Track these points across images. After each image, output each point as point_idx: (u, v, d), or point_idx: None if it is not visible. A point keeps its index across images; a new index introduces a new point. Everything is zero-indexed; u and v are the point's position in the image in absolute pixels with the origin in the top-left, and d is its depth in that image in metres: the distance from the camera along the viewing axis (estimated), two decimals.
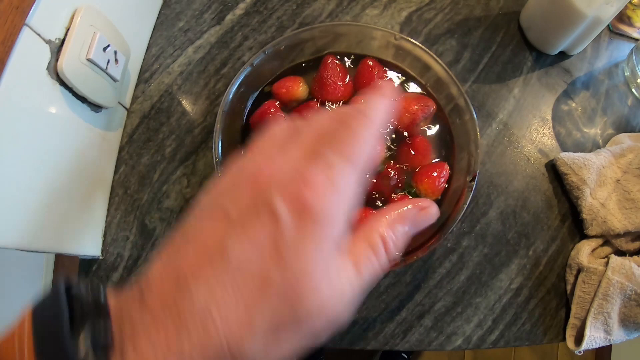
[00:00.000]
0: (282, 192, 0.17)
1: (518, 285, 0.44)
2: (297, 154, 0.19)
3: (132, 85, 0.50)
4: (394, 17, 0.50)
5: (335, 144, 0.19)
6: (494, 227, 0.45)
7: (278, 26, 0.50)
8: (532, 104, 0.49)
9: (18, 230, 0.35)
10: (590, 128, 0.50)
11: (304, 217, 0.17)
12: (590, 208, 0.45)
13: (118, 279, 0.44)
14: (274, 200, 0.17)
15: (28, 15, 0.34)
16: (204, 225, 0.18)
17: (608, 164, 0.46)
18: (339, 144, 0.19)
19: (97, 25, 0.41)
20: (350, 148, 0.19)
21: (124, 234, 0.45)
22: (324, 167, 0.18)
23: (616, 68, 0.53)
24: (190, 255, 0.17)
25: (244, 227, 0.17)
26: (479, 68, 0.49)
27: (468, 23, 0.51)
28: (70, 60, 0.38)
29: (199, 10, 0.52)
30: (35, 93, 0.36)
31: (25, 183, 0.35)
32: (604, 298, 0.43)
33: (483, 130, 0.47)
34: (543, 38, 0.50)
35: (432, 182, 0.37)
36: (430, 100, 0.39)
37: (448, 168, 0.38)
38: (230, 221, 0.18)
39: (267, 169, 0.19)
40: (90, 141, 0.44)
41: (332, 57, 0.41)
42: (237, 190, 0.19)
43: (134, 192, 0.46)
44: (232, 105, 0.38)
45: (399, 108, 0.39)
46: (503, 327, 0.43)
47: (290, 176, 0.18)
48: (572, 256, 0.45)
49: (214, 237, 0.17)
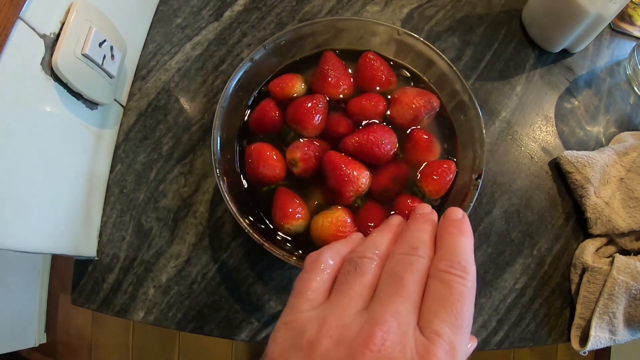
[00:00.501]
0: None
1: (522, 285, 0.43)
2: (410, 318, 0.19)
3: (129, 82, 0.49)
4: (395, 14, 0.50)
5: (445, 313, 0.19)
6: (497, 226, 0.44)
7: (277, 23, 0.50)
8: (534, 101, 0.49)
9: (10, 231, 0.33)
10: (593, 126, 0.49)
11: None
12: (594, 207, 0.44)
13: (114, 280, 0.43)
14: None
15: (22, 8, 0.34)
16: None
17: (612, 163, 0.46)
18: (450, 313, 0.19)
19: (93, 20, 0.40)
20: (462, 315, 0.19)
21: (119, 234, 0.44)
22: (448, 349, 0.18)
23: (618, 66, 0.53)
24: None
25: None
26: (481, 65, 0.49)
27: (470, 20, 0.50)
28: (65, 55, 0.37)
29: (196, 7, 0.51)
30: (29, 89, 0.35)
31: (18, 181, 0.34)
32: (609, 298, 0.42)
33: (486, 128, 0.46)
34: (545, 35, 0.49)
35: (438, 183, 0.36)
36: (434, 96, 0.38)
37: (455, 167, 0.37)
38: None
39: (383, 338, 0.18)
40: (85, 139, 0.43)
41: (332, 52, 0.40)
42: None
43: (130, 191, 0.45)
44: (231, 102, 0.37)
45: (402, 103, 0.38)
46: (508, 327, 0.43)
47: (411, 356, 0.18)
48: (577, 255, 0.45)
49: None
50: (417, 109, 0.37)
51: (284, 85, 0.39)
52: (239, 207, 0.33)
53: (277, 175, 0.37)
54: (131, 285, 0.43)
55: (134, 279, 0.43)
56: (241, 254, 0.42)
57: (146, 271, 0.43)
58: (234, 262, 0.42)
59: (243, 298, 0.42)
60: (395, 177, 0.37)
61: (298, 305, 0.21)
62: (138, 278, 0.43)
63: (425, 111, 0.37)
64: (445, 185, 0.37)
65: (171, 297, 0.42)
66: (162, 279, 0.43)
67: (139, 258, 0.43)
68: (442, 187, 0.37)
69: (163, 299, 0.42)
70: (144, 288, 0.43)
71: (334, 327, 0.19)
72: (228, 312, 0.42)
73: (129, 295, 0.43)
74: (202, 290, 0.42)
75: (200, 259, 0.43)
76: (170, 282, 0.43)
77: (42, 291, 1.20)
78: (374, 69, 0.39)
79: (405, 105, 0.37)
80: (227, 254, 0.43)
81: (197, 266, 0.43)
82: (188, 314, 0.42)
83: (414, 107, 0.37)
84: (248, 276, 0.42)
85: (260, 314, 0.42)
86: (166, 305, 0.42)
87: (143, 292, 0.43)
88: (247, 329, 0.41)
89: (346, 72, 0.40)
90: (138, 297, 0.42)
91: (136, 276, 0.43)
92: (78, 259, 0.43)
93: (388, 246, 0.23)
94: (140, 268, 0.43)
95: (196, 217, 0.43)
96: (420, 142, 0.38)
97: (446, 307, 0.19)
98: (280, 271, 0.42)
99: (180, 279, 0.42)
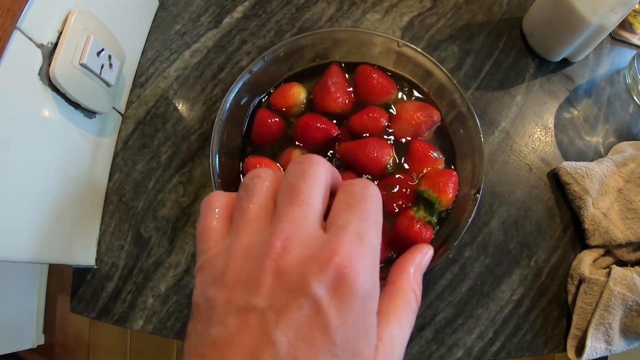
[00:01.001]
0: (316, 274, 0.16)
1: (520, 295, 0.44)
2: (310, 223, 0.18)
3: (127, 90, 0.48)
4: (396, 22, 0.50)
5: (350, 211, 0.19)
6: (495, 237, 0.44)
7: (277, 30, 0.49)
8: (534, 111, 0.48)
9: (8, 242, 0.34)
10: (592, 136, 0.49)
11: (345, 297, 0.16)
12: (592, 218, 0.44)
13: (113, 289, 0.43)
14: (310, 285, 0.16)
15: (19, 18, 0.33)
16: (234, 327, 0.16)
17: (610, 173, 0.46)
18: (355, 210, 0.19)
19: (90, 28, 0.40)
20: (368, 212, 0.19)
21: (118, 243, 0.44)
22: (353, 238, 0.18)
23: (618, 75, 0.53)
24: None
25: (281, 318, 0.16)
26: (481, 75, 0.48)
27: (470, 28, 0.50)
28: (63, 65, 0.37)
29: (195, 13, 0.51)
30: (26, 99, 0.35)
31: (16, 191, 0.34)
32: (605, 309, 0.42)
33: (485, 138, 0.46)
34: (546, 45, 0.49)
35: (448, 192, 0.36)
36: (435, 110, 0.38)
37: (456, 175, 0.37)
38: (261, 314, 0.16)
39: (283, 246, 0.17)
40: (83, 147, 0.42)
41: (337, 65, 0.40)
42: (256, 278, 0.17)
43: (129, 200, 0.45)
44: (230, 113, 0.37)
45: (402, 119, 0.38)
46: (504, 338, 0.43)
47: (316, 252, 0.17)
48: (574, 266, 0.45)
49: (252, 337, 0.16)
50: (417, 125, 0.37)
51: (285, 95, 0.39)
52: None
53: None
54: (130, 294, 0.43)
55: (133, 288, 0.43)
56: None
57: (145, 280, 0.43)
58: None
59: None
60: (389, 184, 0.37)
61: (204, 248, 0.21)
62: (137, 287, 0.43)
63: (426, 127, 0.37)
64: (452, 198, 0.36)
65: (170, 306, 0.42)
66: (161, 288, 0.43)
67: (138, 267, 0.43)
68: (451, 200, 0.36)
69: (162, 308, 0.42)
70: (143, 297, 0.43)
71: (239, 250, 0.18)
72: None
73: (128, 303, 0.43)
74: None
75: None
76: (169, 291, 0.43)
77: (40, 292, 1.20)
78: (371, 83, 0.39)
79: (405, 121, 0.37)
80: None
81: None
82: (187, 324, 0.42)
83: (415, 123, 0.37)
84: None
85: None
86: (165, 315, 0.42)
87: (142, 301, 0.43)
88: None
89: (348, 87, 0.40)
90: (137, 306, 0.43)
91: (135, 285, 0.43)
92: (77, 267, 0.43)
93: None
94: (139, 277, 0.43)
95: (195, 227, 0.43)
96: (418, 152, 0.38)
97: (351, 206, 0.19)
98: None
99: (179, 289, 0.43)
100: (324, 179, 0.20)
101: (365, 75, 0.40)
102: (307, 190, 0.19)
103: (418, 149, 0.38)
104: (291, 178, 0.20)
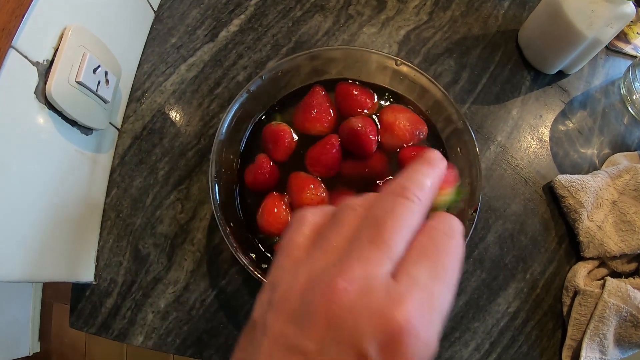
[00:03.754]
0: (371, 330, 0.15)
1: (515, 308, 0.44)
2: (382, 269, 0.16)
3: (124, 104, 0.48)
4: (392, 36, 0.50)
5: (426, 261, 0.17)
6: (492, 251, 0.45)
7: (273, 44, 0.49)
8: (530, 125, 0.49)
9: (7, 263, 0.33)
10: (587, 148, 0.50)
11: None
12: (587, 231, 0.45)
13: (112, 305, 0.43)
14: (362, 341, 0.15)
15: (14, 36, 0.33)
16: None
17: (605, 186, 0.46)
18: (431, 262, 0.17)
19: (86, 45, 0.40)
20: (445, 267, 0.17)
21: (117, 259, 0.44)
22: (423, 298, 0.16)
23: (612, 86, 0.53)
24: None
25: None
26: (478, 89, 0.49)
27: (466, 42, 0.50)
28: (59, 83, 0.37)
29: (191, 26, 0.50)
30: (23, 118, 0.35)
31: (13, 210, 0.34)
32: (600, 320, 0.43)
33: (482, 153, 0.47)
34: (541, 57, 0.49)
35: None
36: (423, 123, 0.40)
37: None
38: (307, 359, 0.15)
39: (345, 288, 0.16)
40: (80, 164, 0.42)
41: (320, 87, 0.40)
42: (311, 316, 0.16)
43: (127, 217, 0.45)
44: (228, 133, 0.37)
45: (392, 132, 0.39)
46: (501, 350, 0.44)
47: (379, 303, 0.15)
48: (569, 278, 0.45)
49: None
50: (406, 139, 0.38)
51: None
52: (239, 246, 0.34)
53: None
54: (130, 310, 0.43)
55: (133, 304, 0.43)
56: (239, 281, 0.43)
57: (144, 297, 0.43)
58: (232, 289, 0.43)
59: (242, 324, 0.42)
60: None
61: (279, 262, 0.20)
62: (136, 303, 0.43)
63: (415, 140, 0.38)
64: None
65: (170, 322, 0.43)
66: (160, 305, 0.43)
67: (137, 283, 0.43)
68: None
69: (162, 324, 0.43)
70: (142, 313, 0.43)
71: (304, 280, 0.17)
72: (227, 338, 0.42)
73: (127, 319, 0.43)
74: (200, 317, 0.42)
75: (198, 285, 0.43)
76: (168, 307, 0.43)
77: (36, 300, 1.20)
78: (354, 98, 0.39)
79: (395, 135, 0.38)
80: (225, 281, 0.43)
81: (195, 292, 0.43)
82: (187, 340, 0.42)
83: (403, 136, 0.38)
84: (247, 302, 0.43)
85: None
86: (165, 331, 0.43)
87: (142, 317, 0.43)
88: None
89: (329, 108, 0.40)
90: (137, 322, 0.43)
91: (134, 301, 0.43)
92: (75, 283, 0.43)
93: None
94: (138, 293, 0.43)
95: (194, 244, 0.44)
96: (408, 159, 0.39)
97: (429, 256, 0.17)
98: None
99: (179, 305, 0.43)
100: (416, 221, 0.18)
101: (345, 92, 0.40)
102: (392, 230, 0.17)
103: (407, 156, 0.39)
104: (379, 209, 0.18)
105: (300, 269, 0.18)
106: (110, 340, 0.43)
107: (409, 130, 0.39)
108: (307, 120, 0.39)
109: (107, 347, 1.22)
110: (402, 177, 0.19)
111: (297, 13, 0.50)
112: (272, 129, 0.39)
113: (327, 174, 0.38)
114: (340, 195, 0.38)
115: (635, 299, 0.43)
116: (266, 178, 0.37)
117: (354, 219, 0.19)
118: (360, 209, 0.19)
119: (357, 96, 0.40)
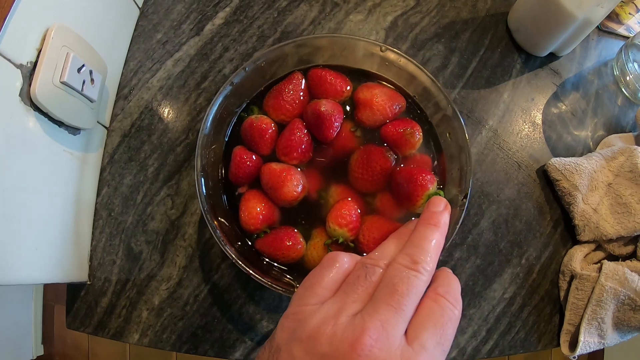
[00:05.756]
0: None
1: (511, 294, 0.44)
2: (398, 331, 0.20)
3: (111, 102, 0.48)
4: (379, 23, 0.49)
5: (434, 330, 0.21)
6: (486, 237, 0.44)
7: (259, 36, 0.49)
8: (522, 108, 0.48)
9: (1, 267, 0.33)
10: (581, 130, 0.49)
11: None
12: (582, 214, 0.44)
13: (107, 304, 0.43)
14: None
15: None
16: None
17: (599, 168, 0.46)
18: (439, 331, 0.21)
19: (69, 44, 0.39)
20: (447, 338, 0.21)
21: (110, 258, 0.44)
22: (427, 359, 0.20)
23: (605, 67, 0.52)
24: None
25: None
26: (468, 73, 0.48)
27: (455, 26, 0.49)
28: (44, 84, 0.36)
29: (177, 21, 0.50)
30: (9, 121, 0.35)
31: (5, 214, 0.34)
32: (597, 304, 0.43)
33: (473, 137, 0.46)
34: (532, 40, 0.49)
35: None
36: (401, 97, 0.39)
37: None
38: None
39: (371, 345, 0.19)
40: (70, 165, 0.42)
41: (299, 74, 0.40)
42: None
43: (118, 215, 0.45)
44: (213, 127, 0.37)
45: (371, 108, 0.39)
46: (497, 336, 0.43)
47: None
48: (565, 262, 0.45)
49: None
50: (386, 113, 0.38)
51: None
52: (228, 241, 0.33)
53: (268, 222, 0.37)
54: (124, 308, 0.43)
55: (127, 303, 0.43)
56: (232, 275, 0.43)
57: (139, 294, 0.43)
58: (225, 283, 0.43)
59: (235, 318, 0.42)
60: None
61: (306, 297, 0.23)
62: (131, 301, 0.43)
63: (394, 114, 0.38)
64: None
65: (165, 319, 0.43)
66: (154, 302, 0.43)
67: (131, 281, 0.43)
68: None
69: (157, 321, 0.43)
70: (137, 311, 0.43)
71: (331, 326, 0.20)
72: (221, 333, 0.42)
73: (123, 318, 0.43)
74: (194, 312, 0.42)
75: (191, 281, 0.43)
76: (163, 304, 0.43)
77: (37, 303, 1.20)
78: (327, 85, 0.39)
79: (374, 110, 0.38)
80: (218, 275, 0.43)
81: (188, 288, 0.43)
82: (182, 335, 0.42)
83: (383, 110, 0.38)
84: (239, 296, 0.42)
85: (252, 333, 0.42)
86: (160, 327, 0.43)
87: (137, 315, 0.43)
88: (241, 348, 0.42)
89: (300, 96, 0.39)
90: (132, 320, 0.43)
91: (129, 300, 0.43)
92: (70, 283, 0.43)
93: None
94: (132, 291, 0.43)
95: (185, 240, 0.43)
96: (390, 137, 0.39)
97: (436, 325, 0.21)
98: (270, 291, 0.42)
99: (173, 301, 0.43)
100: (422, 290, 0.22)
101: (318, 78, 0.40)
102: (405, 296, 0.21)
103: (390, 133, 0.38)
104: (396, 277, 0.22)
105: (329, 312, 0.21)
106: (112, 340, 0.43)
107: (388, 104, 0.39)
108: (272, 106, 0.38)
109: (110, 347, 1.22)
110: (413, 247, 0.23)
111: (282, 3, 0.50)
112: (251, 123, 0.38)
113: (301, 161, 0.38)
114: (313, 178, 0.37)
115: (633, 282, 0.42)
116: (245, 172, 0.37)
117: (380, 276, 0.23)
118: (382, 270, 0.23)
119: (331, 82, 0.39)
